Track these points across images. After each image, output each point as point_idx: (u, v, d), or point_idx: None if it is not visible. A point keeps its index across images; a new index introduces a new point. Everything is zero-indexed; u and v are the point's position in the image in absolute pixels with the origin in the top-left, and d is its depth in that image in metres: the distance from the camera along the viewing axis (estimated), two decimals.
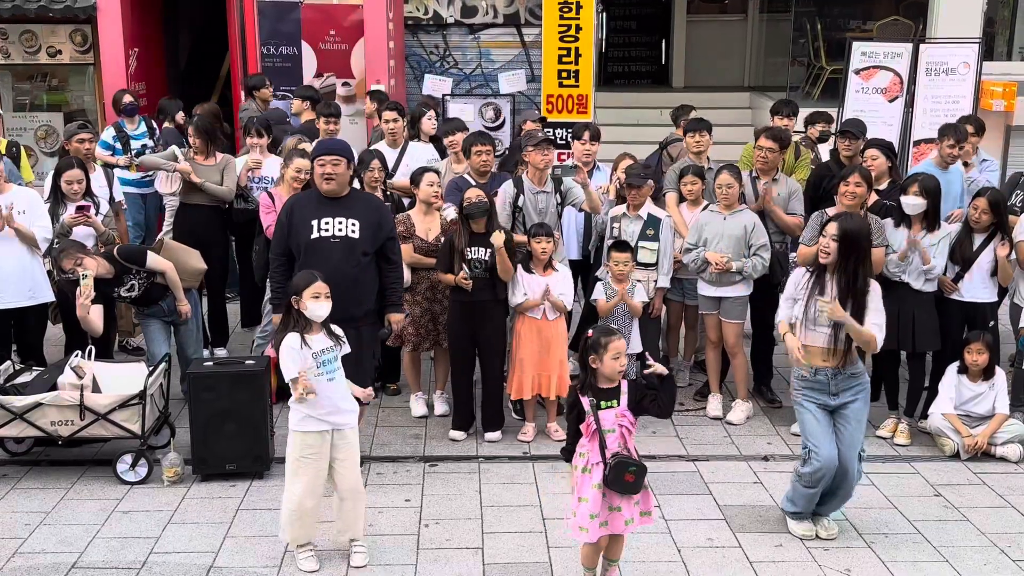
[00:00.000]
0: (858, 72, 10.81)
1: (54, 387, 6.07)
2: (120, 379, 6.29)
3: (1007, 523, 5.75)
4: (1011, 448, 6.54)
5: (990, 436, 6.53)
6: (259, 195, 7.63)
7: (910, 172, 8.15)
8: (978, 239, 6.70)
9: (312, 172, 6.08)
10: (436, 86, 12.07)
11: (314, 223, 5.88)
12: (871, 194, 6.80)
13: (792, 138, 7.66)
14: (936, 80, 10.47)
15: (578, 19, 10.93)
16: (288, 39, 11.38)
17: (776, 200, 7.14)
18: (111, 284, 6.62)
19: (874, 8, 14.34)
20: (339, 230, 5.87)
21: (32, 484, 6.16)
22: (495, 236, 6.43)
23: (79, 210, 7.12)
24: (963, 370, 6.65)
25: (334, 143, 6.27)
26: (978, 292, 6.74)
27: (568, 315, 6.88)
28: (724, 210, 6.95)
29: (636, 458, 4.66)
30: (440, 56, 12.91)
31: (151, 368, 6.35)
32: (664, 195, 7.58)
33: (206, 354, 7.60)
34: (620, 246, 6.84)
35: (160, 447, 6.46)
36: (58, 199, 7.29)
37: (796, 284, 5.46)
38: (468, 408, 6.84)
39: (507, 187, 7.15)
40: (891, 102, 10.66)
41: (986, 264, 6.67)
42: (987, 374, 6.62)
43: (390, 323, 6.17)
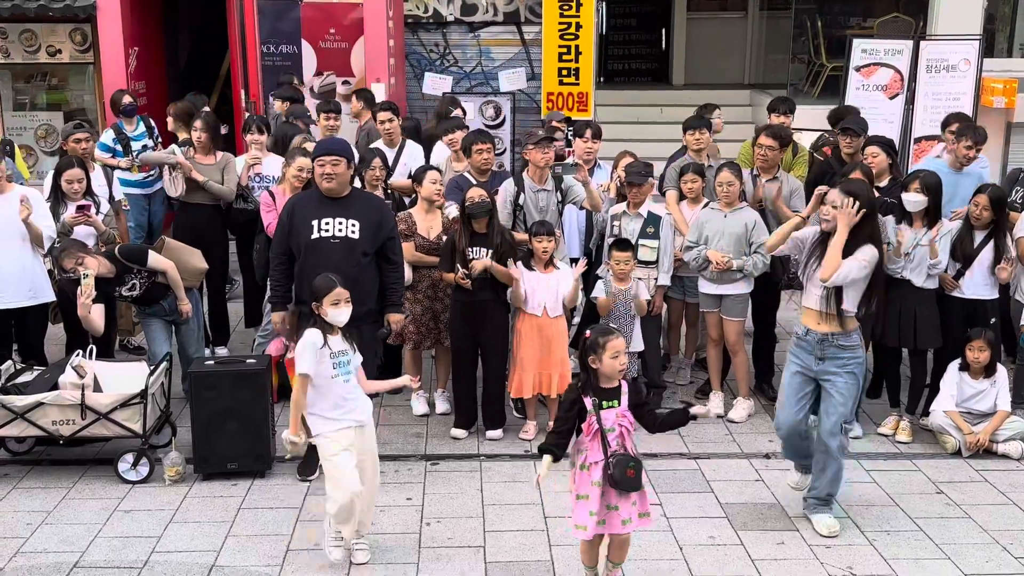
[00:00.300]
0: (858, 69, 10.82)
1: (55, 386, 6.08)
2: (121, 378, 6.29)
3: (1009, 520, 5.75)
4: (1013, 445, 6.54)
5: (992, 433, 6.53)
6: (259, 194, 7.63)
7: (912, 169, 8.14)
8: (979, 236, 6.69)
9: (313, 172, 6.09)
10: (436, 84, 12.07)
11: (314, 223, 5.89)
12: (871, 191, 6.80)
13: (792, 136, 7.65)
14: (937, 77, 10.47)
15: (578, 17, 10.94)
16: (288, 38, 11.38)
17: None
18: (112, 283, 6.62)
19: (874, 5, 14.31)
20: (339, 230, 5.89)
21: (33, 483, 6.16)
22: (475, 264, 6.43)
23: (79, 209, 7.12)
24: (964, 367, 6.64)
25: (334, 143, 6.28)
26: (979, 289, 6.72)
27: (571, 312, 6.87)
28: (725, 208, 6.94)
29: (634, 454, 4.69)
30: (440, 54, 12.89)
31: (152, 367, 6.35)
32: (665, 192, 7.58)
33: (207, 353, 7.60)
34: (621, 245, 6.83)
35: (161, 446, 6.47)
36: (59, 198, 7.29)
37: (804, 239, 5.51)
38: (470, 407, 6.84)
39: (508, 185, 7.15)
40: (891, 99, 10.66)
41: (987, 261, 6.66)
42: (988, 371, 6.61)
43: (389, 323, 6.18)
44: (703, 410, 4.85)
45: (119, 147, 9.14)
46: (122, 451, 6.14)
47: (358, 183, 6.66)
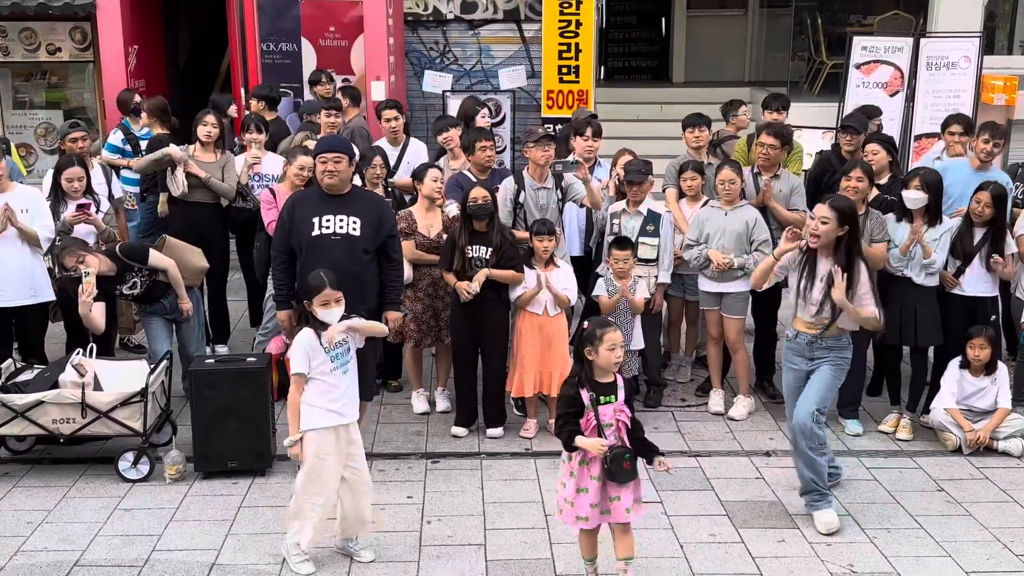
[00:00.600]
0: (859, 67, 10.82)
1: (55, 385, 6.08)
2: (122, 377, 6.28)
3: (1010, 518, 5.74)
4: (1013, 443, 6.53)
5: (992, 431, 6.52)
6: (260, 193, 7.62)
7: (912, 167, 8.14)
8: (979, 233, 6.69)
9: (314, 169, 6.09)
10: (436, 82, 12.06)
11: (315, 220, 5.89)
12: (872, 189, 6.80)
13: (792, 133, 7.66)
14: (937, 74, 10.47)
15: (578, 15, 10.94)
16: (288, 36, 11.38)
17: (777, 196, 7.13)
18: (113, 282, 6.62)
19: (874, 2, 14.31)
20: (340, 228, 5.89)
21: (34, 482, 6.16)
22: (476, 279, 6.42)
23: (80, 208, 7.11)
24: (965, 365, 6.64)
25: (335, 141, 6.27)
26: (979, 286, 6.72)
27: (571, 311, 6.87)
28: (725, 206, 6.94)
29: (629, 445, 4.70)
30: (440, 52, 12.89)
31: (153, 366, 6.35)
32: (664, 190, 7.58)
33: (207, 351, 7.60)
34: (621, 243, 6.82)
35: (162, 445, 6.46)
36: (59, 197, 7.28)
37: (789, 263, 5.57)
38: (470, 405, 6.84)
39: (508, 183, 7.15)
40: (892, 96, 10.66)
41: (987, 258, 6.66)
42: (989, 369, 6.61)
43: (388, 321, 6.17)
44: (670, 467, 4.77)
45: (128, 147, 9.13)
46: (122, 450, 6.14)
47: (359, 181, 6.65)
